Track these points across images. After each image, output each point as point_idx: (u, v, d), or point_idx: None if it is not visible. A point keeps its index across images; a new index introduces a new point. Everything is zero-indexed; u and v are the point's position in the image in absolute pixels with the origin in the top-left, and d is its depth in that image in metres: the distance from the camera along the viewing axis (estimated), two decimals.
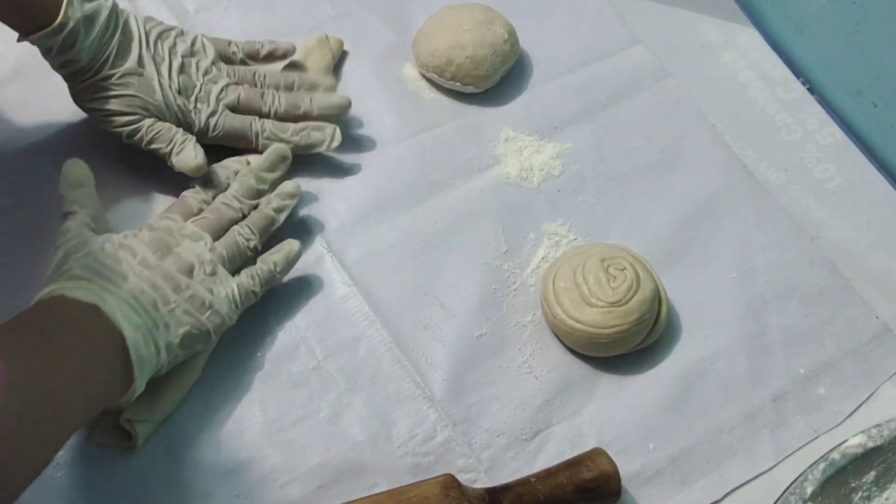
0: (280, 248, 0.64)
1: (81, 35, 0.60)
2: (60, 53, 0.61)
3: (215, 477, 0.59)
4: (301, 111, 0.70)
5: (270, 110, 0.69)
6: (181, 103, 0.66)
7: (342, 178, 0.72)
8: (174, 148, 0.65)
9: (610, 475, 0.58)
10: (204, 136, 0.67)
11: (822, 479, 0.59)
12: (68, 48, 0.61)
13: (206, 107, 0.67)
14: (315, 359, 0.64)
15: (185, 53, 0.67)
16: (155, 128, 0.65)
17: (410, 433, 0.62)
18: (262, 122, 0.68)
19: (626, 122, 0.78)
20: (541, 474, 0.59)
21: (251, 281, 0.61)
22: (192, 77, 0.67)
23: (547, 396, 0.64)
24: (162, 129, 0.65)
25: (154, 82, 0.64)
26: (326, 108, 0.71)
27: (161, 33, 0.67)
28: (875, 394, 0.67)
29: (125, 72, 0.63)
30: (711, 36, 0.84)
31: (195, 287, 0.58)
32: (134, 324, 0.54)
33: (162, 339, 0.55)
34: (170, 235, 0.61)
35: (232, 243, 0.62)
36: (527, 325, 0.67)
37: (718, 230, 0.73)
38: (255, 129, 0.68)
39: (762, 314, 0.69)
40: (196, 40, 0.68)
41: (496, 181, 0.73)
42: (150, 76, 0.64)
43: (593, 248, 0.67)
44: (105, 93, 0.63)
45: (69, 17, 0.59)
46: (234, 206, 0.64)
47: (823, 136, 0.79)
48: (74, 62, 0.62)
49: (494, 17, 0.76)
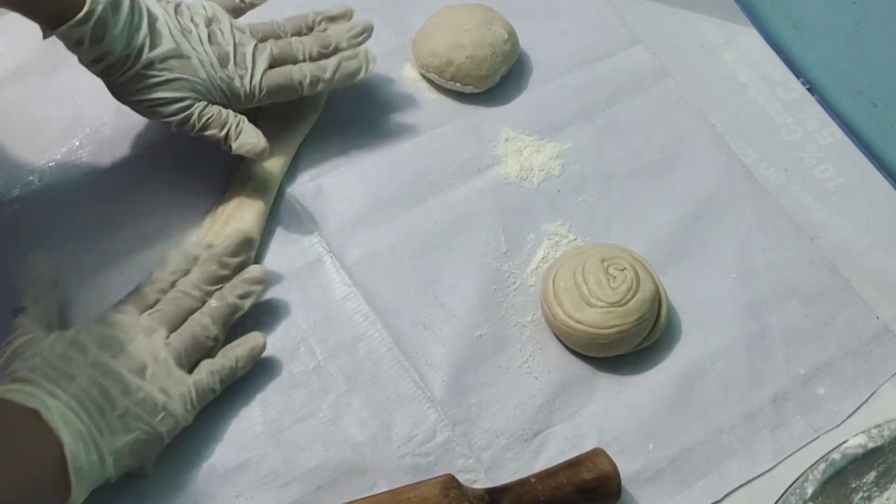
0: (244, 342, 0.60)
1: (111, 21, 0.58)
2: (93, 45, 0.58)
3: (215, 477, 0.59)
4: (332, 47, 0.69)
5: (305, 55, 0.68)
6: (223, 75, 0.63)
7: (342, 178, 0.72)
8: (230, 131, 0.63)
9: (610, 475, 0.58)
10: (250, 101, 0.65)
11: (823, 480, 0.59)
12: (100, 38, 0.58)
13: (247, 71, 0.65)
14: (315, 359, 0.64)
15: (206, 23, 0.65)
16: (207, 112, 0.62)
17: (410, 433, 0.62)
18: (301, 69, 0.67)
19: (626, 122, 0.78)
20: (541, 475, 0.58)
21: (211, 378, 0.58)
22: (223, 45, 0.64)
23: (547, 397, 0.64)
24: (214, 113, 0.63)
25: (194, 60, 0.62)
26: (354, 37, 0.70)
27: (177, 7, 0.64)
28: (875, 394, 0.67)
29: (165, 55, 0.61)
30: (711, 36, 0.84)
31: (147, 388, 0.55)
32: (76, 431, 0.51)
33: (107, 447, 0.52)
34: (122, 331, 0.57)
35: (189, 336, 0.58)
36: (527, 326, 0.67)
37: (718, 230, 0.73)
38: (297, 79, 0.66)
39: (762, 314, 0.69)
40: (206, 6, 0.66)
41: (496, 181, 0.73)
42: (188, 55, 0.62)
43: (593, 249, 0.67)
44: (149, 81, 0.61)
45: (96, 2, 0.57)
46: (193, 294, 0.60)
47: (823, 136, 0.79)
48: (109, 54, 0.59)
49: (494, 18, 0.76)
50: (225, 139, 0.63)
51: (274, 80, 0.66)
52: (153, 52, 0.60)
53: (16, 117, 0.71)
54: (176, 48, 0.61)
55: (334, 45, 0.69)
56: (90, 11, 0.57)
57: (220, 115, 0.63)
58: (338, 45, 0.69)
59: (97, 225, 0.67)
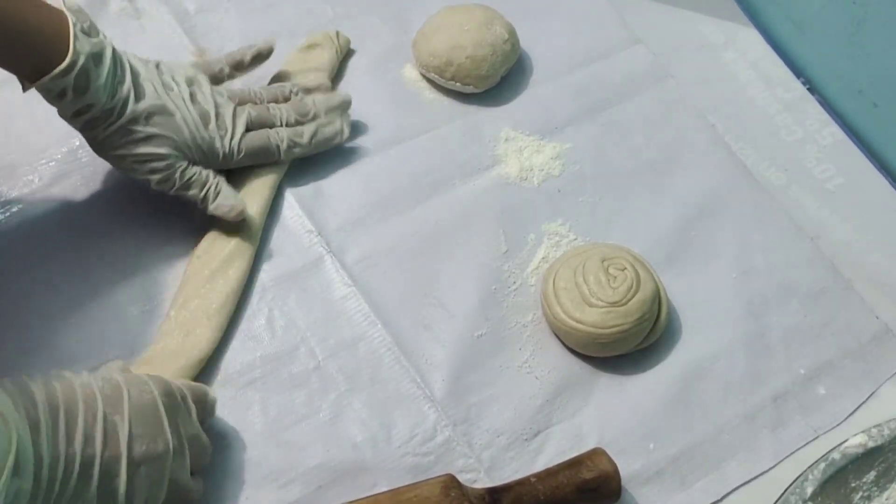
0: None
1: (93, 73, 0.57)
2: (76, 96, 0.57)
3: (215, 477, 0.59)
4: (310, 115, 0.70)
5: (282, 121, 0.68)
6: (205, 135, 0.64)
7: (343, 178, 0.72)
8: (209, 192, 0.63)
9: (610, 475, 0.58)
10: (228, 162, 0.66)
11: (823, 479, 0.59)
12: (83, 90, 0.57)
13: (227, 133, 0.65)
14: (315, 359, 0.64)
15: (187, 83, 0.65)
16: (188, 172, 0.63)
17: (410, 433, 0.62)
18: (279, 133, 0.68)
19: (627, 122, 0.78)
20: (541, 474, 0.59)
21: None
22: (204, 105, 0.64)
23: (547, 396, 0.64)
24: (195, 174, 0.63)
25: (178, 118, 0.62)
26: (331, 108, 0.71)
27: (157, 65, 0.64)
28: (875, 394, 0.67)
29: (150, 110, 0.60)
30: (711, 36, 0.84)
31: None
32: None
33: None
34: None
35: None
36: (527, 326, 0.67)
37: (718, 230, 0.73)
38: (275, 142, 0.67)
39: (762, 314, 0.69)
40: (186, 68, 0.66)
41: (496, 181, 0.73)
42: (172, 112, 0.62)
43: (593, 248, 0.67)
44: (133, 136, 0.60)
45: (79, 52, 0.56)
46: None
47: (823, 136, 0.79)
48: (92, 106, 0.58)
49: (494, 18, 0.76)
50: (203, 199, 0.64)
51: (252, 142, 0.66)
52: (138, 106, 0.60)
53: (16, 117, 0.71)
54: (161, 104, 0.61)
55: (312, 113, 0.70)
56: (73, 62, 0.56)
57: (200, 176, 0.63)
58: (315, 113, 0.70)
59: (98, 225, 0.67)
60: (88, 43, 0.57)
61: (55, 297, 0.64)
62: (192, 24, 0.78)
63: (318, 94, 0.72)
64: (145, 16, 0.78)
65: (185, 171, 0.63)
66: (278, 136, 0.68)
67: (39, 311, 0.63)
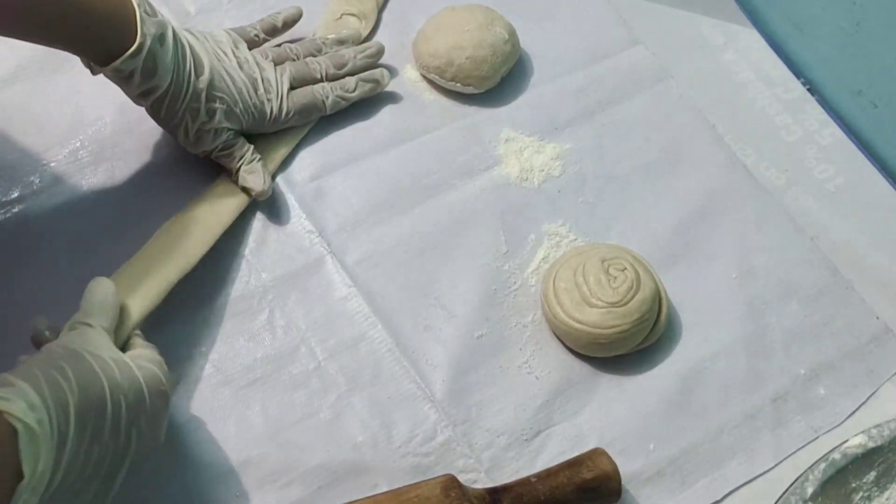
0: None
1: (159, 53, 0.59)
2: (144, 78, 0.59)
3: (215, 477, 0.59)
4: (347, 66, 0.71)
5: (322, 75, 0.70)
6: (255, 101, 0.66)
7: (343, 179, 0.72)
8: (244, 165, 0.65)
9: (610, 475, 0.58)
10: (278, 123, 0.68)
11: (823, 480, 0.59)
12: (151, 71, 0.59)
13: (275, 95, 0.67)
14: (315, 359, 0.64)
15: (232, 49, 0.66)
16: (232, 140, 0.65)
17: (411, 434, 0.62)
18: (323, 88, 0.69)
19: (627, 122, 0.78)
20: (541, 474, 0.59)
21: None
22: (249, 71, 0.66)
23: (547, 397, 0.64)
24: (237, 144, 0.65)
25: (233, 86, 0.64)
26: (367, 56, 0.73)
27: (206, 37, 0.66)
28: (875, 394, 0.67)
29: (211, 83, 0.62)
30: (711, 36, 0.84)
31: None
32: None
33: None
34: None
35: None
36: (527, 326, 0.67)
37: (718, 230, 0.73)
38: (320, 97, 0.69)
39: (762, 314, 0.69)
40: (226, 34, 0.68)
41: (496, 182, 0.73)
42: (228, 81, 0.64)
43: (594, 249, 0.67)
44: (198, 110, 0.62)
45: (146, 34, 0.57)
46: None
47: (823, 137, 0.79)
48: (158, 86, 0.60)
49: (495, 18, 0.76)
50: (236, 172, 0.66)
51: (299, 100, 0.68)
52: (199, 81, 0.62)
53: (17, 117, 0.71)
54: (219, 76, 0.63)
55: (350, 64, 0.71)
56: (141, 45, 0.57)
57: (240, 147, 0.65)
58: (353, 64, 0.72)
59: (98, 225, 0.67)
60: (153, 24, 0.58)
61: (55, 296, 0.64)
62: (192, 24, 0.77)
63: (350, 46, 0.73)
64: None
65: (226, 142, 0.65)
66: (323, 91, 0.69)
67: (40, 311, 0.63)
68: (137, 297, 0.59)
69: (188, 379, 0.62)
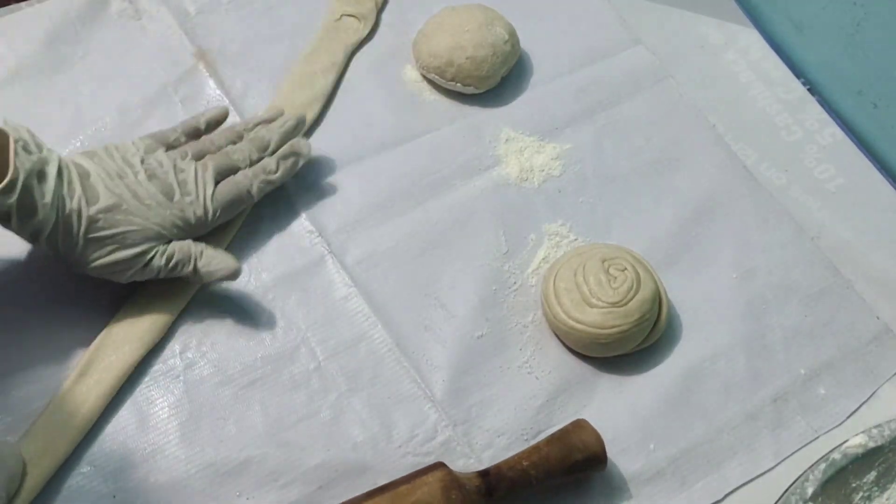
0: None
1: (37, 190, 0.54)
2: (25, 217, 0.55)
3: (215, 477, 0.59)
4: (270, 147, 0.67)
5: (245, 164, 0.66)
6: (173, 209, 0.61)
7: (343, 179, 0.72)
8: (197, 264, 0.61)
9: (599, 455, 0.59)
10: (205, 225, 0.63)
11: (823, 480, 0.59)
12: (31, 209, 0.54)
13: (196, 197, 0.62)
14: (316, 359, 0.64)
15: (140, 160, 0.62)
16: (168, 253, 0.60)
17: (411, 434, 0.62)
18: (245, 175, 0.65)
19: (627, 122, 0.78)
20: (532, 458, 0.58)
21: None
22: (164, 178, 0.62)
23: (547, 397, 0.64)
24: (175, 251, 0.61)
25: (138, 205, 0.59)
26: (287, 132, 0.68)
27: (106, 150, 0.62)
28: (875, 394, 0.67)
29: (107, 209, 0.58)
30: (711, 36, 0.84)
31: None
32: None
33: None
34: None
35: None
36: (527, 326, 0.67)
37: (719, 230, 0.73)
38: (245, 187, 0.64)
39: (762, 314, 0.69)
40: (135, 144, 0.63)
41: (497, 182, 0.73)
42: (130, 202, 0.59)
43: (594, 249, 0.67)
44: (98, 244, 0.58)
45: (18, 168, 0.53)
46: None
47: (823, 137, 0.79)
48: (45, 225, 0.56)
49: (495, 18, 0.76)
50: (194, 274, 0.61)
51: (224, 196, 0.64)
52: (91, 210, 0.57)
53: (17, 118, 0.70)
54: (116, 200, 0.58)
55: (272, 145, 0.67)
56: (13, 181, 0.53)
57: (181, 251, 0.61)
58: (276, 144, 0.67)
59: None
60: (29, 160, 0.54)
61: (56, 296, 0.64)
62: (192, 24, 0.78)
63: (268, 126, 0.69)
64: (146, 17, 0.78)
65: (165, 253, 0.60)
66: (247, 180, 0.65)
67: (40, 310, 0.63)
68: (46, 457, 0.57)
69: (188, 379, 0.62)
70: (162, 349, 0.63)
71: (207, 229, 0.64)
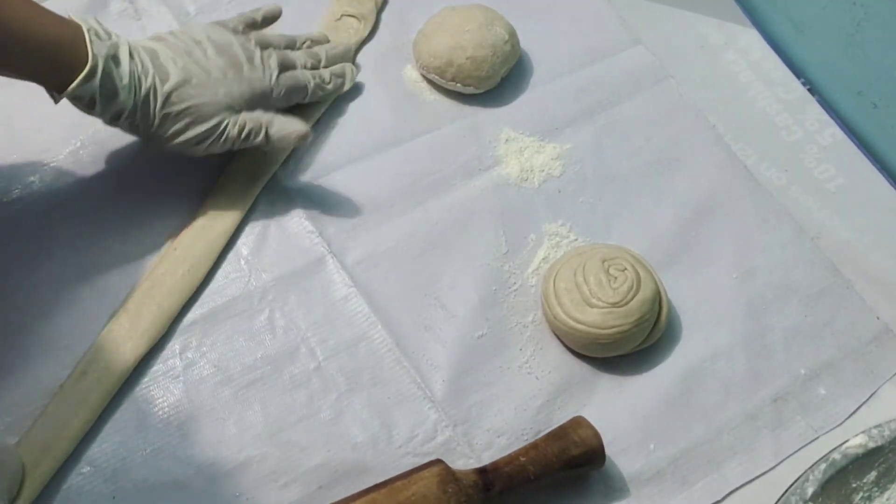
0: None
1: (115, 73, 0.58)
2: (107, 102, 0.59)
3: (215, 477, 0.59)
4: (322, 63, 0.72)
5: (301, 66, 0.70)
6: (242, 81, 0.64)
7: (343, 178, 0.72)
8: (269, 130, 0.65)
9: (596, 450, 0.59)
10: (270, 99, 0.67)
11: (823, 480, 0.59)
12: (111, 93, 0.58)
13: (263, 73, 0.66)
14: (316, 359, 0.64)
15: (207, 38, 0.65)
16: (240, 123, 0.63)
17: (411, 434, 0.62)
18: (305, 74, 0.70)
19: (627, 122, 0.78)
20: (531, 454, 0.58)
21: None
22: (232, 54, 0.65)
23: (547, 397, 0.64)
24: (247, 121, 0.64)
25: (208, 77, 0.62)
26: (336, 56, 0.74)
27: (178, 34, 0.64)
28: (876, 394, 0.67)
29: (178, 85, 0.61)
30: (711, 36, 0.84)
31: None
32: None
33: None
34: None
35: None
36: (527, 326, 0.67)
37: (719, 230, 0.73)
38: (303, 82, 0.69)
39: (762, 314, 0.69)
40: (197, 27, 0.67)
41: (497, 182, 0.73)
42: (199, 75, 0.62)
43: (594, 249, 0.67)
44: (173, 119, 0.61)
45: (97, 56, 0.57)
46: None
47: (823, 137, 0.79)
48: (125, 107, 0.59)
49: (495, 18, 0.76)
50: (267, 140, 0.65)
51: (287, 81, 0.68)
52: (165, 87, 0.60)
53: (17, 117, 0.71)
54: (186, 76, 0.62)
55: (323, 61, 0.72)
56: (94, 67, 0.57)
57: (252, 120, 0.64)
58: (325, 61, 0.73)
59: (98, 225, 0.67)
60: (104, 46, 0.58)
61: (55, 296, 0.64)
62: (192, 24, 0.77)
63: (322, 46, 0.74)
64: (146, 17, 0.78)
65: (237, 123, 0.63)
66: (306, 77, 0.69)
67: (40, 310, 0.63)
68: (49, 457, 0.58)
69: (188, 379, 0.62)
70: (162, 349, 0.63)
71: (271, 106, 0.67)
